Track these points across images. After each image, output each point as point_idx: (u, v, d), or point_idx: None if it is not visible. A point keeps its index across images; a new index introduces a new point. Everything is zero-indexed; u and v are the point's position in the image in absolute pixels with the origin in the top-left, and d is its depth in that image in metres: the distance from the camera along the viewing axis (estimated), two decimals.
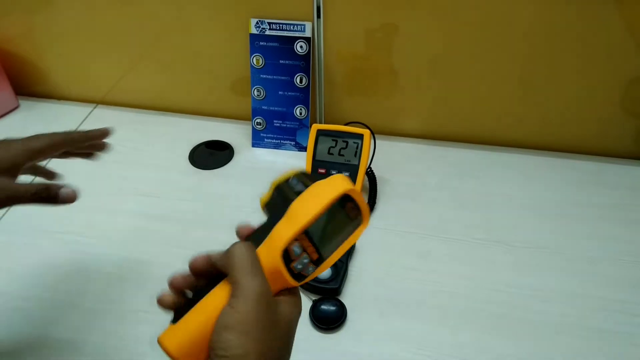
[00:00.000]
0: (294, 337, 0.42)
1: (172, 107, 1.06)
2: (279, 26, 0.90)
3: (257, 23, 0.90)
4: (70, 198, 0.53)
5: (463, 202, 0.85)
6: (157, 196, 0.86)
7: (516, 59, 0.87)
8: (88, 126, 0.89)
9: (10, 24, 1.02)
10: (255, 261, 0.40)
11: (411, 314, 0.69)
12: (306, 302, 0.70)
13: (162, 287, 0.41)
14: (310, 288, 0.70)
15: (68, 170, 0.64)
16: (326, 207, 0.42)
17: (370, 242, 0.77)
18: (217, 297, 0.40)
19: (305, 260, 0.42)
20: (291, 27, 0.89)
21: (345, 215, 0.44)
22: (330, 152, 0.84)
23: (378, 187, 0.86)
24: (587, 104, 0.90)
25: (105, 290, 0.72)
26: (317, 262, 0.43)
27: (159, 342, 0.39)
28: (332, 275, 0.71)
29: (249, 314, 0.37)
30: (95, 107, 1.08)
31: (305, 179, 0.45)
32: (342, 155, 0.84)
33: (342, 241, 0.44)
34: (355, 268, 0.74)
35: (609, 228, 0.80)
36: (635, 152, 0.93)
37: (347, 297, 0.70)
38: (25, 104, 1.08)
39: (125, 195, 0.86)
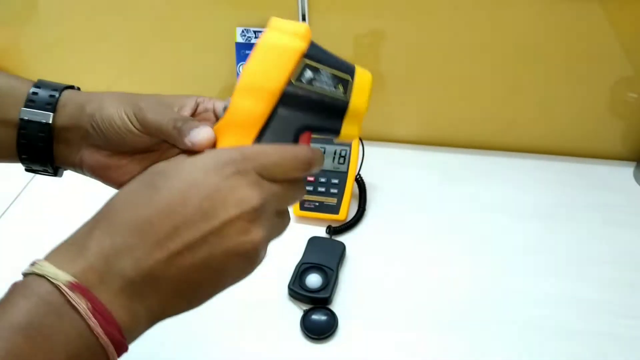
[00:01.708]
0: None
1: None
2: None
3: (242, 32, 0.90)
4: (201, 140, 0.37)
5: (453, 207, 0.84)
6: None
7: (504, 63, 0.88)
8: None
9: None
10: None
11: (403, 321, 0.68)
12: (297, 312, 0.69)
13: None
14: (300, 298, 0.70)
15: (49, 180, 0.63)
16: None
17: (361, 249, 0.77)
18: None
19: None
20: None
21: None
22: None
23: (368, 194, 0.85)
24: (575, 107, 0.90)
25: None
26: None
27: None
28: (323, 284, 0.70)
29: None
30: None
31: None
32: (331, 162, 0.83)
33: None
34: (346, 276, 0.74)
35: (598, 230, 0.80)
36: (623, 153, 0.93)
37: (338, 306, 0.70)
38: None
39: None
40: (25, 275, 0.31)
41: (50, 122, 0.43)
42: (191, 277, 0.33)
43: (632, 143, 0.92)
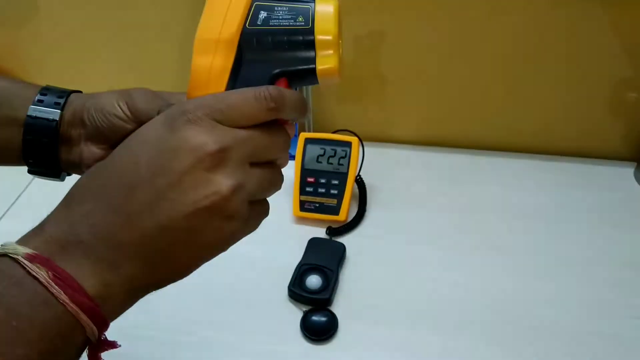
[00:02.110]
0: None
1: None
2: None
3: None
4: None
5: (454, 208, 0.84)
6: None
7: (504, 63, 0.87)
8: None
9: None
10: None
11: (404, 322, 0.68)
12: (297, 313, 0.69)
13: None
14: (300, 299, 0.70)
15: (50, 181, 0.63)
16: None
17: (361, 250, 0.77)
18: None
19: None
20: None
21: None
22: (319, 160, 0.84)
23: (368, 195, 0.85)
24: (575, 107, 0.90)
25: None
26: None
27: None
28: (323, 285, 0.70)
29: None
30: None
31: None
32: (331, 163, 0.83)
33: None
34: (346, 277, 0.74)
35: (599, 230, 0.80)
36: (624, 153, 0.93)
37: (338, 307, 0.70)
38: None
39: None
40: None
41: (58, 119, 0.43)
42: (159, 240, 0.31)
43: (632, 143, 0.92)
